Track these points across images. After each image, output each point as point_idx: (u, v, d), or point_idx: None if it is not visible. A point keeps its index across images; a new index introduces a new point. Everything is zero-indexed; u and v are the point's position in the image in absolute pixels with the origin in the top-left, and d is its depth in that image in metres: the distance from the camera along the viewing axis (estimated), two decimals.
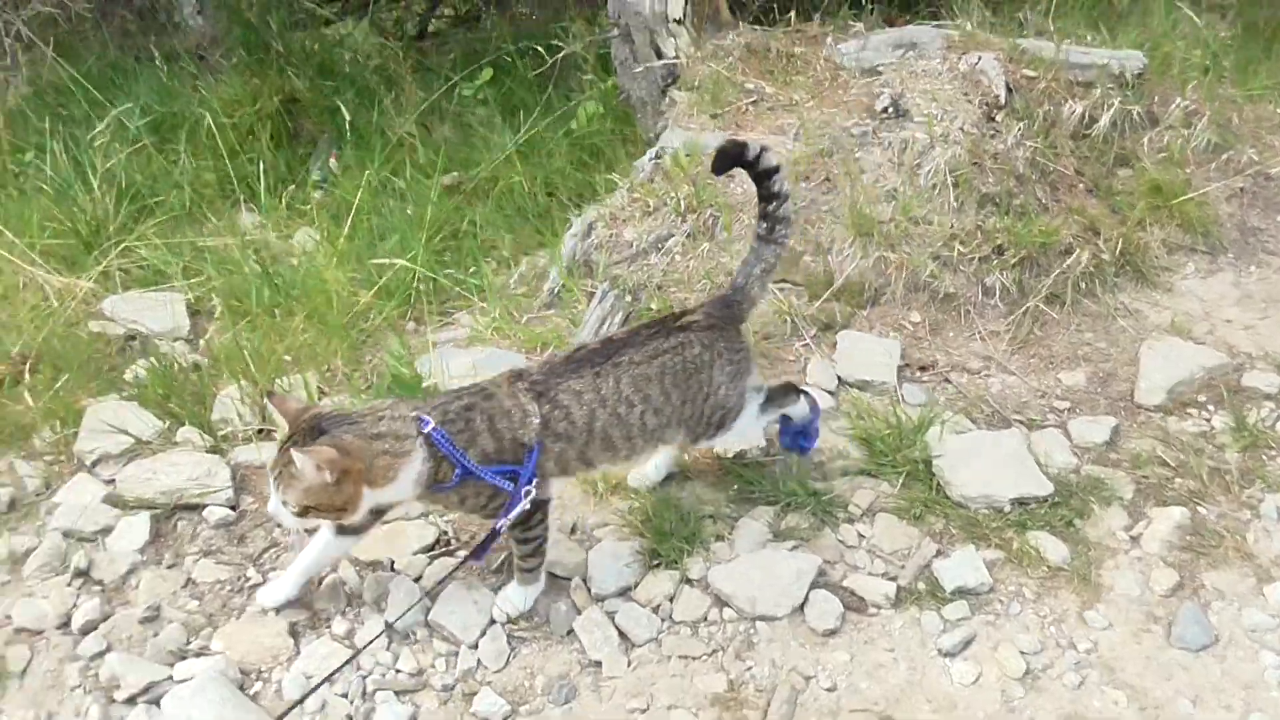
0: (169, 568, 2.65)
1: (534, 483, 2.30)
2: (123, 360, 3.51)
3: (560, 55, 4.24)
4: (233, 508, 2.79)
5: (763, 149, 2.49)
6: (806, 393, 2.77)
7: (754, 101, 3.73)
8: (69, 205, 3.96)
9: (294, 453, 2.09)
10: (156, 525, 2.73)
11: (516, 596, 2.48)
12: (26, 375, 3.34)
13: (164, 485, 2.80)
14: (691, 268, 3.23)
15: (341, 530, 2.42)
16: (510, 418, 2.30)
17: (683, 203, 3.28)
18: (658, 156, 3.49)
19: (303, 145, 4.58)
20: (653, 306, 3.15)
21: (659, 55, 4.03)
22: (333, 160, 4.48)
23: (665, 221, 3.23)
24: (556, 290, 3.28)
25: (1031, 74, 3.70)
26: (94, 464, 2.94)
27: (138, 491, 2.79)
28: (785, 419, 2.76)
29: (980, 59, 3.67)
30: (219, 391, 3.17)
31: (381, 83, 4.81)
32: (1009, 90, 3.61)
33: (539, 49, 4.55)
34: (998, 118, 3.54)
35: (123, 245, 3.78)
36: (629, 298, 3.07)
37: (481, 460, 2.26)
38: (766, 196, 2.54)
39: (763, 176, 2.52)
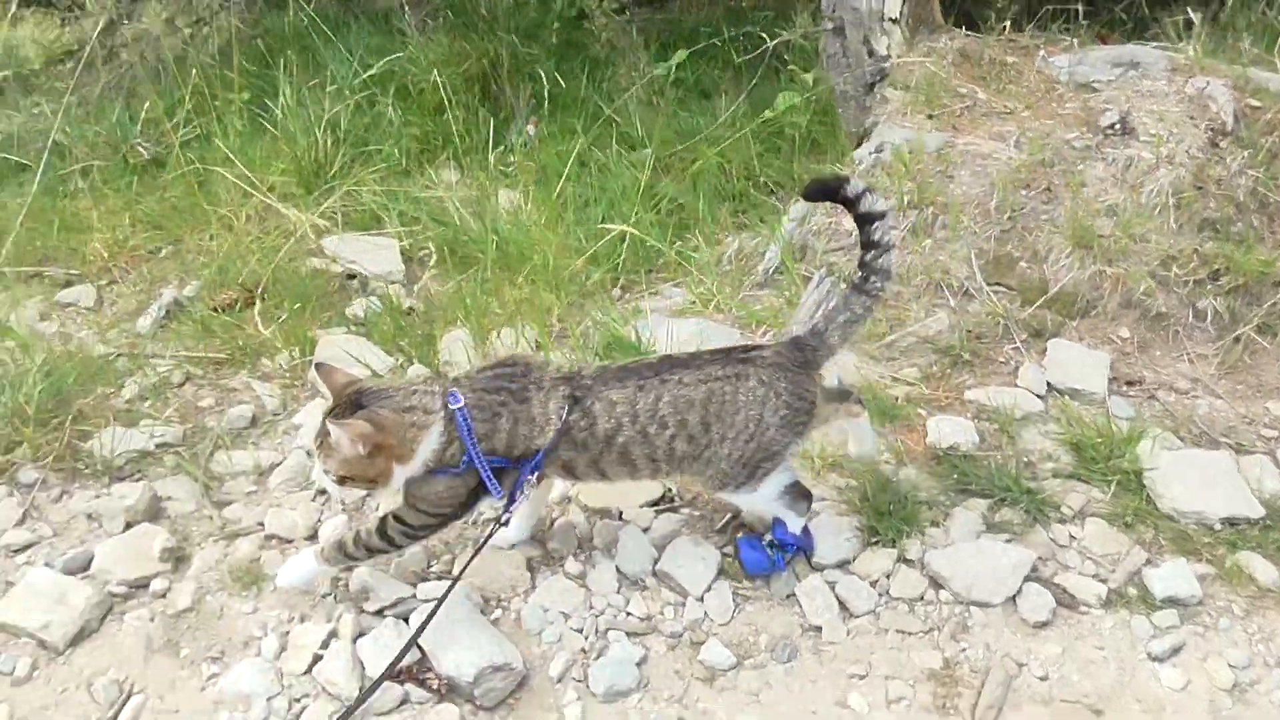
0: None
1: (528, 481, 2.32)
2: (340, 297, 3.69)
3: (775, 43, 4.31)
4: None
5: (866, 190, 2.36)
6: (807, 528, 2.58)
7: (968, 106, 3.79)
8: (291, 146, 4.15)
9: (330, 425, 2.16)
10: None
11: (303, 569, 2.45)
12: (257, 302, 3.54)
13: None
14: (911, 262, 3.30)
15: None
16: (533, 424, 2.29)
17: (905, 198, 3.35)
18: (878, 150, 3.56)
19: (502, 109, 4.72)
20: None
21: (870, 53, 4.10)
22: (531, 127, 4.62)
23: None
24: (771, 270, 3.38)
25: (1256, 104, 3.69)
26: None
27: None
28: (780, 525, 2.55)
29: (1209, 84, 3.68)
30: (443, 334, 3.33)
31: (581, 55, 4.94)
32: (1235, 118, 3.61)
33: (741, 36, 4.64)
34: (1222, 144, 3.54)
35: (345, 189, 3.96)
36: (844, 285, 3.14)
37: (488, 453, 2.27)
38: (867, 244, 2.39)
39: (864, 220, 2.38)
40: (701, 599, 2.52)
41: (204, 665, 2.34)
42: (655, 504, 2.76)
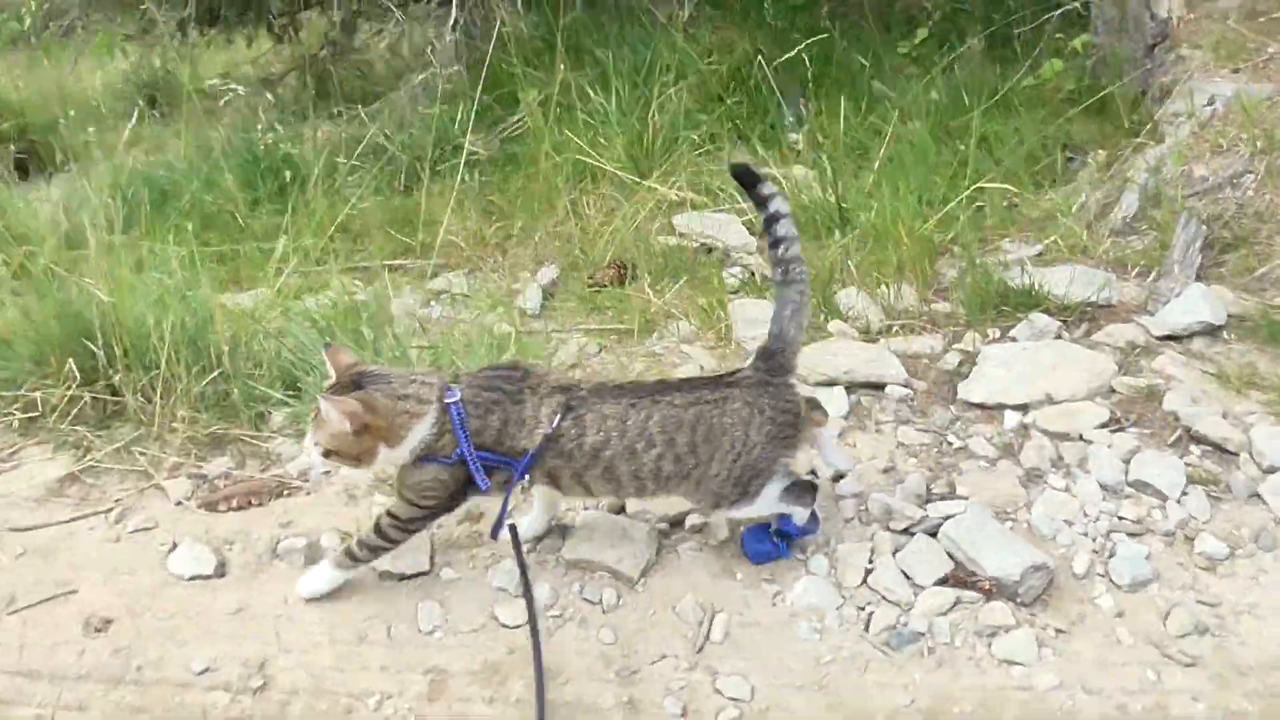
0: (875, 432, 3.10)
1: (524, 481, 2.41)
2: (707, 269, 3.97)
3: (1055, 13, 4.59)
4: (906, 386, 3.23)
5: (777, 193, 2.54)
6: (815, 512, 2.65)
7: (1268, 59, 4.05)
8: (622, 134, 4.46)
9: (321, 400, 2.27)
10: (850, 399, 3.18)
11: (321, 578, 2.58)
12: (636, 277, 3.84)
13: (842, 366, 3.25)
14: (1268, 201, 3.57)
15: None
16: (523, 426, 2.38)
17: (1256, 143, 3.63)
18: (1209, 104, 3.84)
19: (765, 94, 5.00)
20: (1225, 235, 3.51)
21: (1152, 16, 4.38)
22: (801, 108, 4.91)
23: (1239, 160, 3.58)
24: (1129, 217, 3.67)
25: None
26: None
27: (822, 370, 3.25)
28: (786, 517, 2.62)
29: None
30: (836, 293, 3.63)
31: (838, 36, 5.22)
32: None
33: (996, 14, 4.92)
34: None
35: (679, 169, 4.26)
36: (1205, 227, 3.42)
37: (478, 448, 2.36)
38: (775, 241, 2.53)
39: (771, 220, 2.52)
40: (1179, 501, 2.80)
41: (763, 585, 2.63)
42: (1104, 425, 3.03)
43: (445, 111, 4.67)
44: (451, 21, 4.75)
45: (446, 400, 2.35)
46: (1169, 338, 3.34)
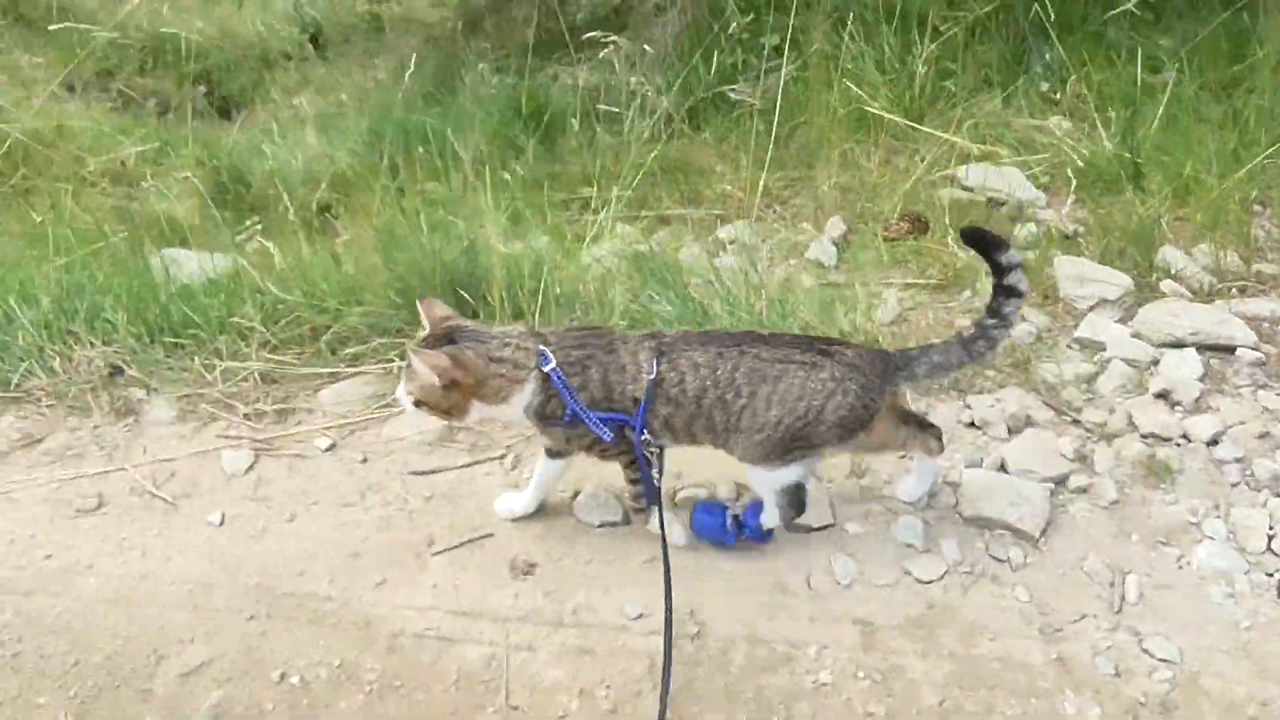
0: (1234, 396, 3.09)
1: (644, 433, 2.40)
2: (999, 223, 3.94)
3: None
4: (1256, 349, 3.21)
5: (1020, 264, 2.36)
6: (772, 531, 2.64)
7: None
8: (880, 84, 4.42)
9: (411, 352, 2.31)
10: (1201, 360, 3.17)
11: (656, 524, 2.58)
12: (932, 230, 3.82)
13: (1186, 327, 3.24)
14: None
15: (550, 454, 2.65)
16: (624, 373, 2.40)
17: None
18: None
19: (1015, 42, 4.91)
20: None
21: None
22: (1047, 56, 4.83)
23: None
24: None
25: None
26: (1090, 309, 3.40)
27: (1166, 331, 3.24)
28: (757, 507, 2.61)
29: None
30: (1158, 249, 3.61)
31: None
32: None
33: None
34: None
35: (960, 120, 4.22)
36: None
37: (590, 405, 2.39)
38: (994, 312, 2.40)
39: (1004, 291, 2.38)
40: None
41: (1161, 548, 2.67)
42: None
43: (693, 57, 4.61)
44: None
45: (543, 368, 2.37)
46: None
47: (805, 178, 4.25)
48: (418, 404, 2.40)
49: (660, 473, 2.52)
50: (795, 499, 2.51)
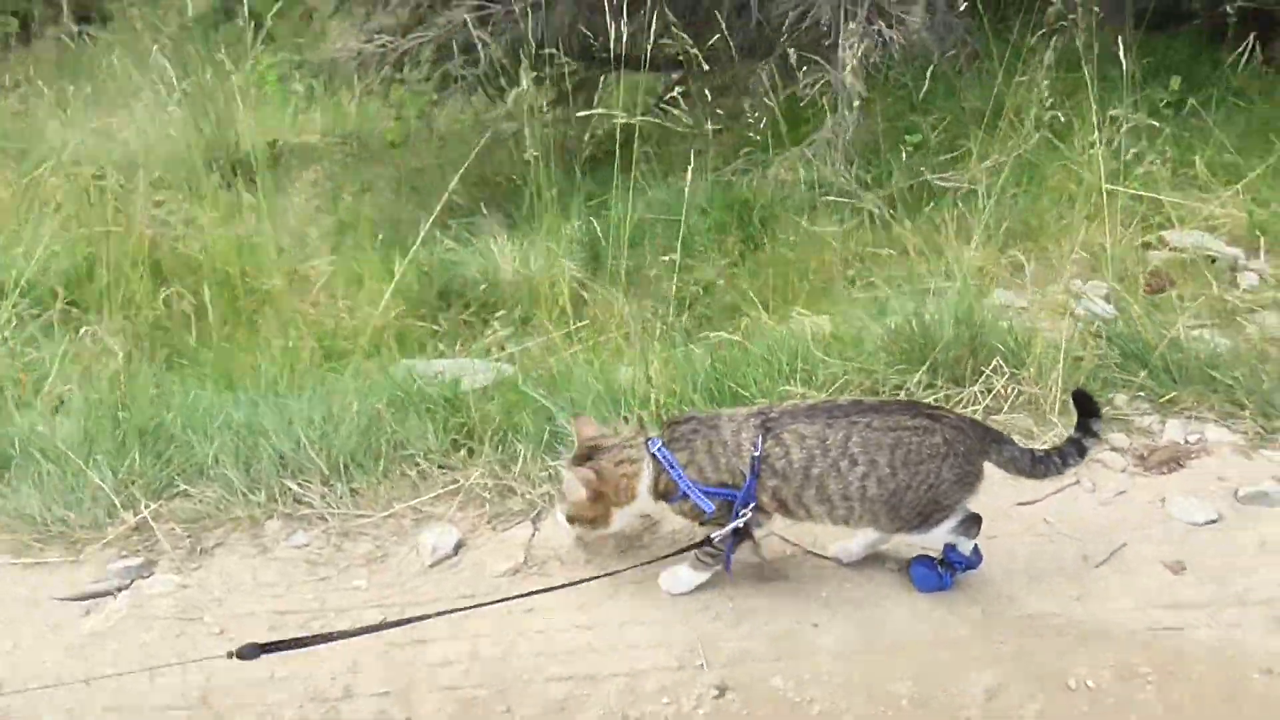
0: None
1: (750, 506, 2.56)
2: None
3: None
4: None
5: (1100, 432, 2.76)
6: (977, 546, 2.79)
7: None
8: None
9: (564, 472, 2.65)
10: None
11: (686, 576, 2.76)
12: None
13: None
14: None
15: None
16: (727, 447, 2.56)
17: None
18: None
19: None
20: None
21: None
22: None
23: None
24: None
25: None
26: None
27: None
28: (951, 546, 2.78)
29: None
30: None
31: None
32: None
33: None
34: None
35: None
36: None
37: (699, 480, 2.57)
38: (1080, 447, 2.74)
39: (1079, 450, 2.74)
40: None
41: None
42: None
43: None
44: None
45: (651, 450, 2.60)
46: None
47: (1036, 249, 4.76)
48: (570, 520, 2.71)
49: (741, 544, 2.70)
50: (967, 524, 2.69)
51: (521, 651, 2.61)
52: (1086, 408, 2.76)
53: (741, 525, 2.58)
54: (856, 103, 5.25)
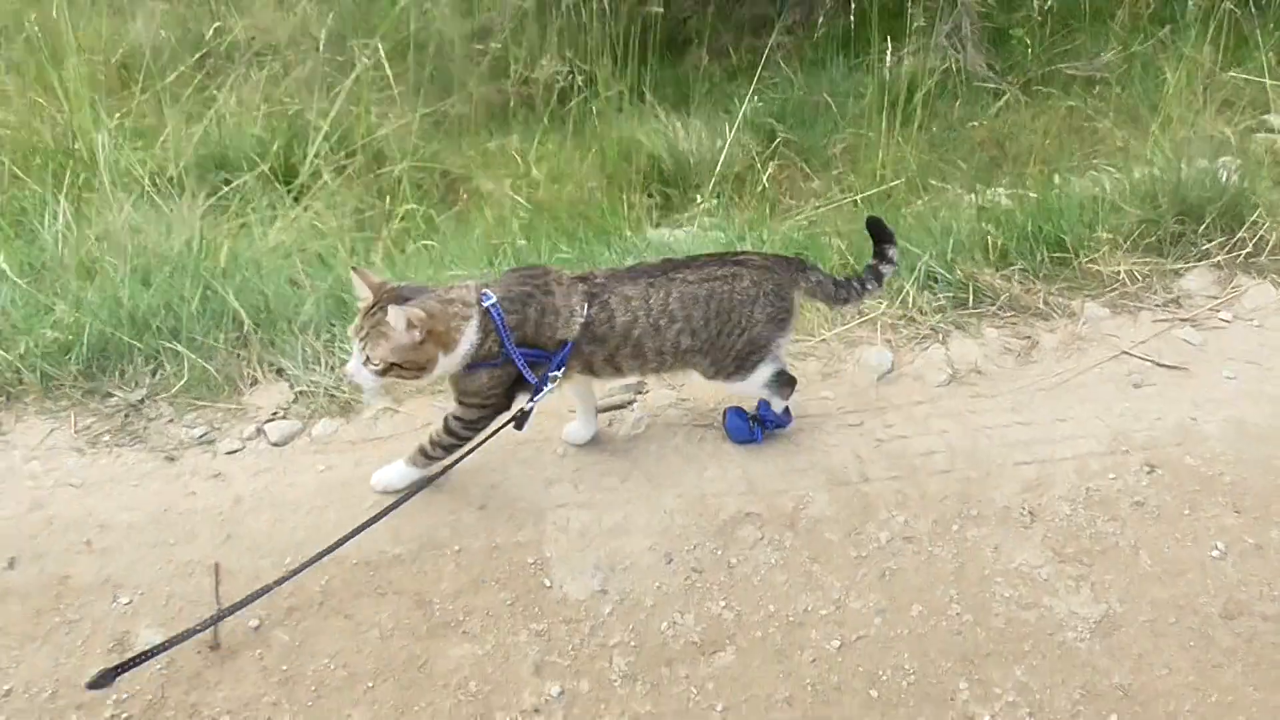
0: None
1: (560, 373, 2.55)
2: None
3: None
4: None
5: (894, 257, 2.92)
6: (788, 408, 2.97)
7: None
8: None
9: (390, 308, 2.30)
10: None
11: (394, 474, 2.76)
12: None
13: None
14: None
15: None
16: (558, 315, 2.51)
17: None
18: None
19: None
20: None
21: None
22: None
23: None
24: None
25: None
26: None
27: None
28: (764, 403, 2.94)
29: None
30: None
31: None
32: None
33: None
34: None
35: None
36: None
37: (519, 343, 2.48)
38: (875, 274, 2.91)
39: (882, 257, 2.92)
40: None
41: None
42: None
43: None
44: None
45: (484, 304, 2.45)
46: None
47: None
48: (386, 370, 2.41)
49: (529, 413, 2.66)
50: (783, 381, 2.84)
51: (983, 444, 3.20)
52: (881, 235, 2.89)
53: (546, 392, 2.57)
54: None
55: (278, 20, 5.81)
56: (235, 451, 3.02)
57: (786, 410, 2.97)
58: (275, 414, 3.13)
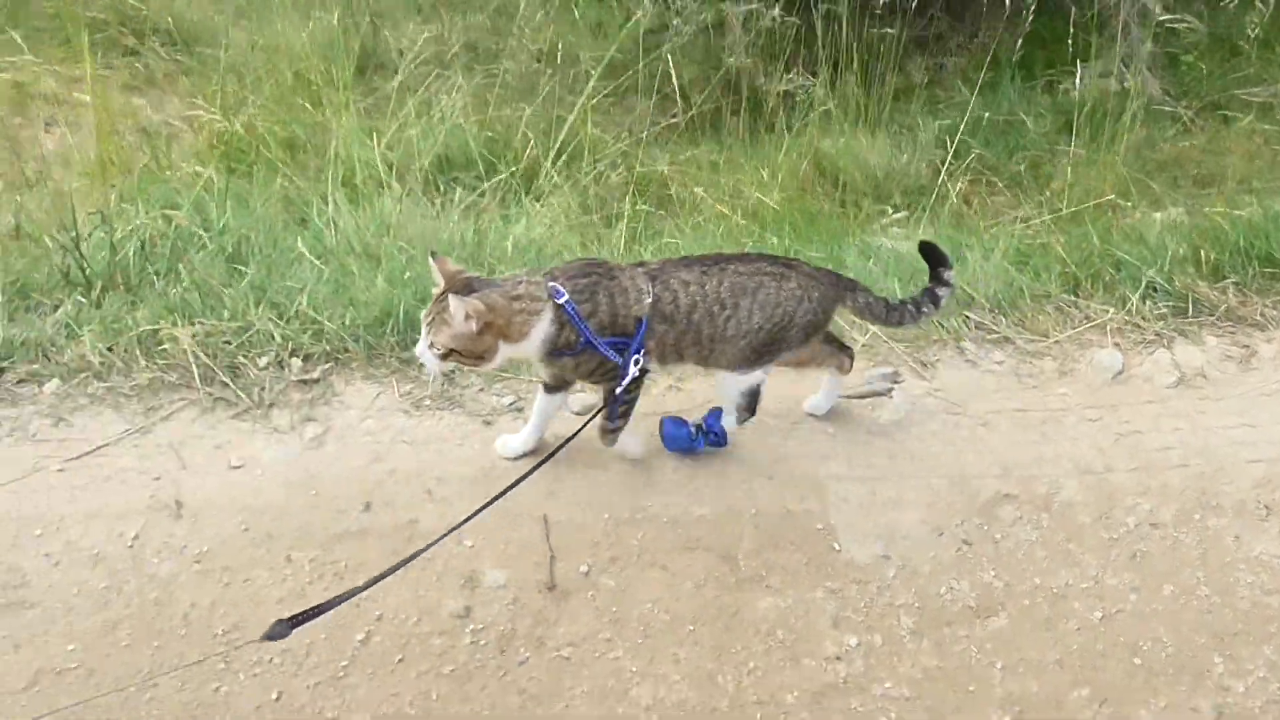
0: None
1: (641, 353, 2.61)
2: None
3: None
4: None
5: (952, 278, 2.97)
6: (729, 433, 3.02)
7: None
8: None
9: (450, 298, 2.41)
10: None
11: (626, 445, 2.96)
12: None
13: None
14: None
15: (549, 390, 2.91)
16: (627, 295, 2.59)
17: None
18: None
19: None
20: None
21: None
22: None
23: None
24: None
25: None
26: None
27: None
28: (718, 412, 2.98)
29: None
30: None
31: None
32: None
33: None
34: None
35: None
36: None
37: (598, 331, 2.56)
38: (933, 297, 2.97)
39: (939, 281, 2.97)
40: None
41: None
42: None
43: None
44: None
45: (557, 300, 2.54)
46: None
47: None
48: (447, 355, 2.54)
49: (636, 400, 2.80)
50: (752, 401, 2.91)
51: (1213, 443, 3.43)
52: (936, 258, 2.94)
53: (638, 373, 2.64)
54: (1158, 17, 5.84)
55: (499, 26, 6.20)
56: None
57: (724, 432, 2.99)
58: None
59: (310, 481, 3.05)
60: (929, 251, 2.96)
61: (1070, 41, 5.45)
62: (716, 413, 2.97)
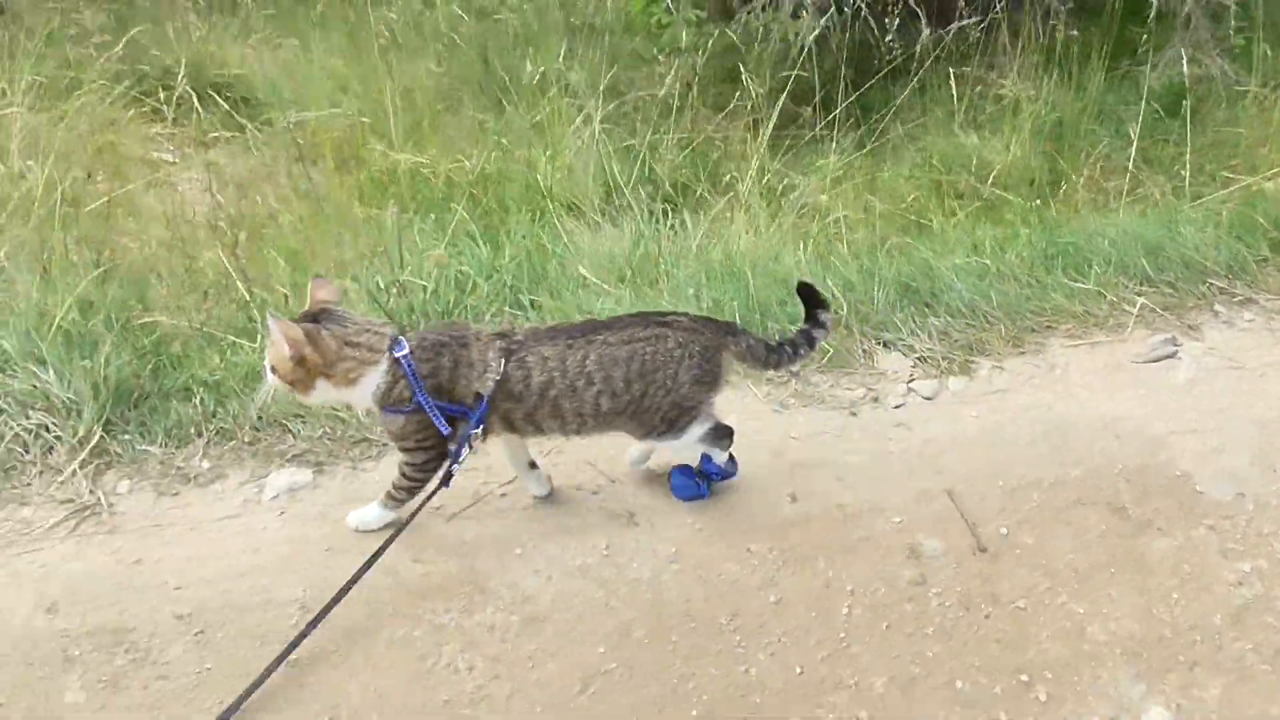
0: None
1: (480, 429, 2.51)
2: None
3: None
4: None
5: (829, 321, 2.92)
6: (732, 455, 2.96)
7: None
8: None
9: (270, 319, 2.35)
10: None
11: (370, 514, 2.80)
12: None
13: None
14: None
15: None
16: (473, 369, 2.50)
17: None
18: None
19: None
20: None
21: None
22: None
23: None
24: None
25: None
26: None
27: None
28: (707, 457, 2.92)
29: None
30: None
31: None
32: None
33: None
34: None
35: None
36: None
37: (433, 393, 2.47)
38: (809, 338, 2.88)
39: (816, 323, 2.89)
40: None
41: None
42: None
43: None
44: None
45: (396, 354, 2.47)
46: None
47: None
48: (272, 370, 2.48)
49: (454, 472, 2.65)
50: (720, 434, 2.85)
51: None
52: (813, 300, 2.87)
53: (468, 447, 2.55)
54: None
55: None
56: (899, 406, 3.71)
57: (731, 459, 3.00)
58: (912, 376, 3.82)
59: None
60: (807, 294, 2.89)
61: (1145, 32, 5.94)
62: (705, 457, 2.95)
